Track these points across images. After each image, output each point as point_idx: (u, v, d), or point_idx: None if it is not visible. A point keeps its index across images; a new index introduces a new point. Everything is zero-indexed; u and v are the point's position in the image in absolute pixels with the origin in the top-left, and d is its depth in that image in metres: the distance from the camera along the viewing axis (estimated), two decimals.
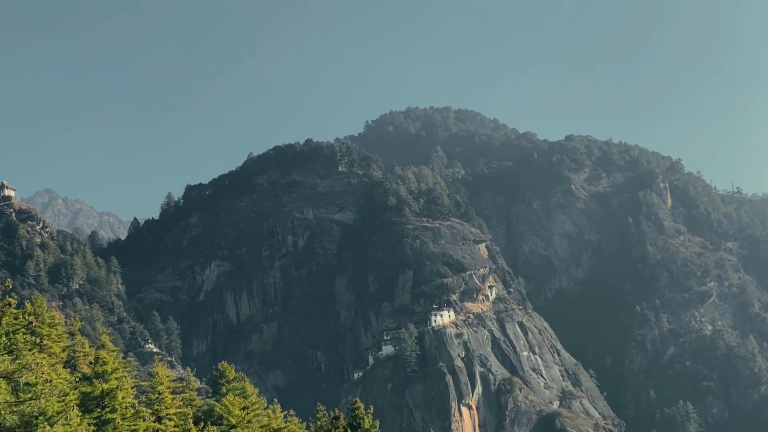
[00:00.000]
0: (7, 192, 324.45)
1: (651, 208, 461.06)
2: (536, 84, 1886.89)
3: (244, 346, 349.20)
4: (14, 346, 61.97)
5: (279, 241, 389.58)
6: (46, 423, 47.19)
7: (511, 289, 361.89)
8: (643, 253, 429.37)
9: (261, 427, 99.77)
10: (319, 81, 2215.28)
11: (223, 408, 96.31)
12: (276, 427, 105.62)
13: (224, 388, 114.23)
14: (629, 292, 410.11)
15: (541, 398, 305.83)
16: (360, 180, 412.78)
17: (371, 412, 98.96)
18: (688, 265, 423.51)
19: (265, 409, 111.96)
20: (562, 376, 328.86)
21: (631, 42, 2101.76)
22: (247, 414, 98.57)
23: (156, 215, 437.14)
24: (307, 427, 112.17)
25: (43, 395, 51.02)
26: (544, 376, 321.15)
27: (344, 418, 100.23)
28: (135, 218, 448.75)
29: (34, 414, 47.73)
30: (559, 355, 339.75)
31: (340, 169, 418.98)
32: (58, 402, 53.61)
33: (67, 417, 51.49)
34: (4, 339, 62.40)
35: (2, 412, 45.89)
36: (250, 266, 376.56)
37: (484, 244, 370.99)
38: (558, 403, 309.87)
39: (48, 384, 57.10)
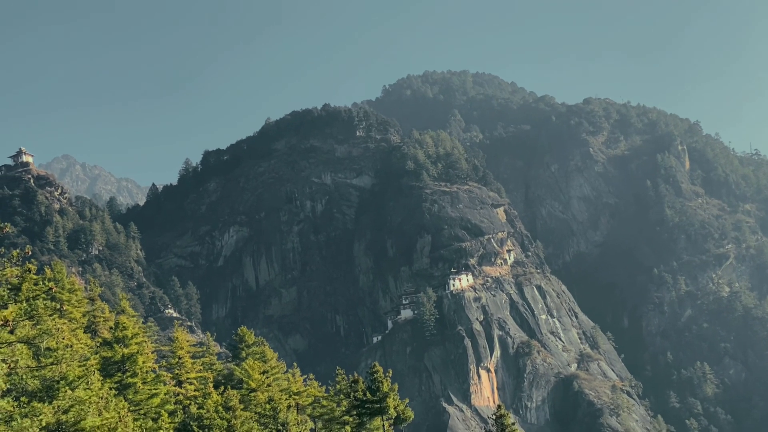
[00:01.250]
0: (25, 158, 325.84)
1: (669, 171, 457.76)
2: (554, 47, 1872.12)
3: (264, 310, 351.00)
4: (35, 312, 62.42)
5: (297, 206, 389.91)
6: (67, 387, 47.58)
7: (530, 253, 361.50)
8: (661, 215, 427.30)
9: (281, 390, 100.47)
10: (336, 46, 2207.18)
11: (242, 372, 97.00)
12: (295, 391, 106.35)
13: (244, 352, 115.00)
14: (647, 255, 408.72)
15: (559, 361, 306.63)
16: (378, 145, 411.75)
17: (390, 375, 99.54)
18: (706, 227, 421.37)
19: (284, 373, 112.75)
20: (579, 338, 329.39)
21: (650, 3, 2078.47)
22: (267, 378, 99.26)
23: (174, 181, 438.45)
24: (327, 391, 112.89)
25: (64, 360, 51.41)
26: (562, 338, 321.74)
27: (363, 382, 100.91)
28: (153, 184, 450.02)
29: (56, 378, 48.13)
30: (577, 318, 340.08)
31: (357, 133, 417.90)
32: (79, 367, 54.04)
33: (88, 381, 51.93)
34: (24, 305, 62.85)
35: (24, 376, 46.29)
36: (269, 231, 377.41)
37: (502, 208, 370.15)
38: (576, 365, 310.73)
39: (69, 349, 57.55)
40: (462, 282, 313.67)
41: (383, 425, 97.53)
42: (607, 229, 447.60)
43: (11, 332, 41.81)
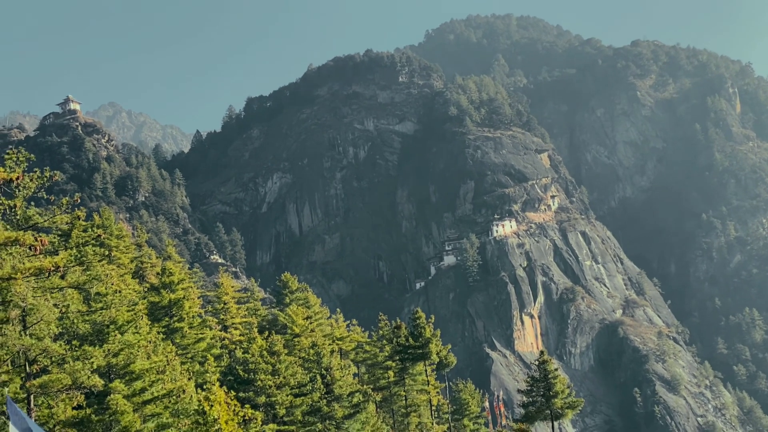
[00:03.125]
0: (72, 105, 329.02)
1: (719, 114, 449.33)
2: None
3: (307, 256, 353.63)
4: (84, 258, 63.63)
5: (340, 152, 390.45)
6: (116, 331, 48.66)
7: (574, 199, 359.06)
8: (710, 160, 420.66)
9: (324, 336, 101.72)
10: None
11: (286, 317, 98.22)
12: (339, 336, 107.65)
13: (288, 298, 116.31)
14: (695, 200, 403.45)
15: (604, 307, 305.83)
16: (420, 90, 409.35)
17: (432, 321, 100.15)
18: (757, 171, 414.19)
19: (327, 318, 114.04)
20: (625, 284, 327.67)
21: None
22: (310, 323, 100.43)
23: (218, 128, 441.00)
24: (369, 336, 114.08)
25: (113, 305, 52.47)
26: (607, 284, 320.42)
27: (405, 328, 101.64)
28: (197, 131, 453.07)
29: (105, 323, 49.21)
30: (622, 264, 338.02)
31: (400, 79, 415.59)
32: (128, 311, 55.19)
33: (136, 326, 53.03)
34: (74, 251, 64.06)
35: (75, 321, 47.39)
36: (312, 178, 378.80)
37: (546, 154, 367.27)
38: (621, 311, 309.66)
39: (118, 294, 58.68)
40: (505, 228, 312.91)
41: (426, 370, 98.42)
42: (654, 174, 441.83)
43: (62, 278, 42.73)
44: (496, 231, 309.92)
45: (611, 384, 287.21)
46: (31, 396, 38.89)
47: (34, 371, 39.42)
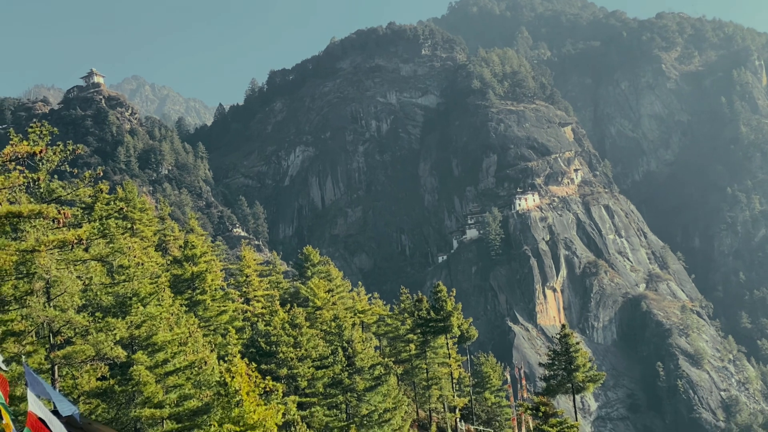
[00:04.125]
0: (96, 78, 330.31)
1: (745, 87, 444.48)
2: None
3: (330, 230, 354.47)
4: (108, 231, 64.11)
5: (362, 125, 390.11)
6: (139, 303, 49.04)
7: (597, 172, 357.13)
8: (735, 133, 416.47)
9: (345, 309, 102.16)
10: None
11: (308, 290, 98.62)
12: (360, 309, 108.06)
13: (309, 271, 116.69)
14: (720, 174, 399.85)
15: (627, 281, 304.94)
16: (443, 63, 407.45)
17: (453, 294, 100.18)
18: None
19: (349, 291, 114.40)
20: (648, 258, 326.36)
21: None
22: (332, 296, 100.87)
23: (241, 101, 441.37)
24: (391, 310, 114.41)
25: (136, 277, 52.87)
26: (630, 258, 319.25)
27: (427, 301, 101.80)
28: (220, 104, 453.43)
29: (128, 295, 49.60)
30: (646, 237, 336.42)
31: (423, 52, 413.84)
32: (151, 284, 55.55)
33: (159, 298, 53.41)
34: (97, 224, 64.56)
35: (99, 293, 47.80)
36: (335, 151, 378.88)
37: (569, 127, 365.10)
38: (644, 285, 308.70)
39: (140, 267, 59.11)
40: (528, 202, 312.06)
41: (447, 343, 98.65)
42: (679, 147, 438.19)
43: (86, 250, 43.08)
44: (519, 205, 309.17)
45: (634, 358, 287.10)
46: (56, 367, 39.37)
47: (58, 342, 39.87)
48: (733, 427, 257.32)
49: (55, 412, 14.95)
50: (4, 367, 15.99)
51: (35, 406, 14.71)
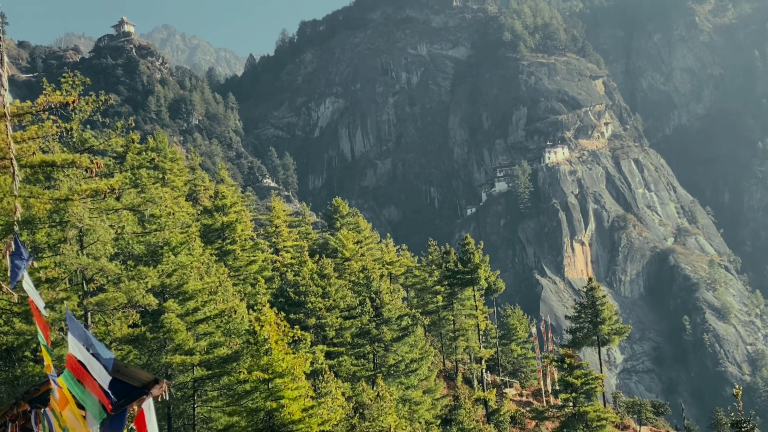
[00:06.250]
0: (126, 27, 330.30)
1: None
2: None
3: (359, 181, 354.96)
4: (139, 181, 65.00)
5: (392, 77, 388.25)
6: (170, 252, 49.81)
7: (628, 126, 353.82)
8: None
9: (374, 260, 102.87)
10: None
11: (337, 242, 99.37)
12: (388, 261, 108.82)
13: (338, 222, 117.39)
14: (752, 128, 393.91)
15: (656, 235, 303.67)
16: (474, 15, 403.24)
17: (481, 247, 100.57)
18: None
19: (378, 243, 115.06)
20: (677, 213, 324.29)
21: None
22: (361, 248, 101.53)
23: (271, 52, 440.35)
24: (419, 261, 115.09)
25: (167, 227, 53.71)
26: (659, 213, 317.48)
27: (455, 253, 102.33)
28: (251, 54, 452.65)
29: (159, 244, 50.38)
30: (675, 192, 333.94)
31: (454, 3, 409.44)
32: (181, 233, 56.40)
33: (190, 247, 54.19)
34: (129, 173, 65.42)
35: (130, 242, 48.64)
36: (364, 103, 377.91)
37: (600, 80, 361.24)
38: (672, 239, 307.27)
39: (171, 216, 60.02)
40: (557, 155, 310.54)
41: (474, 295, 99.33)
42: (711, 101, 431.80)
43: (118, 199, 43.80)
44: (549, 158, 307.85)
45: (660, 312, 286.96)
46: (89, 313, 40.29)
47: (91, 290, 40.75)
48: (758, 381, 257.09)
49: (95, 356, 15.51)
50: (45, 313, 16.59)
51: (75, 349, 15.29)
